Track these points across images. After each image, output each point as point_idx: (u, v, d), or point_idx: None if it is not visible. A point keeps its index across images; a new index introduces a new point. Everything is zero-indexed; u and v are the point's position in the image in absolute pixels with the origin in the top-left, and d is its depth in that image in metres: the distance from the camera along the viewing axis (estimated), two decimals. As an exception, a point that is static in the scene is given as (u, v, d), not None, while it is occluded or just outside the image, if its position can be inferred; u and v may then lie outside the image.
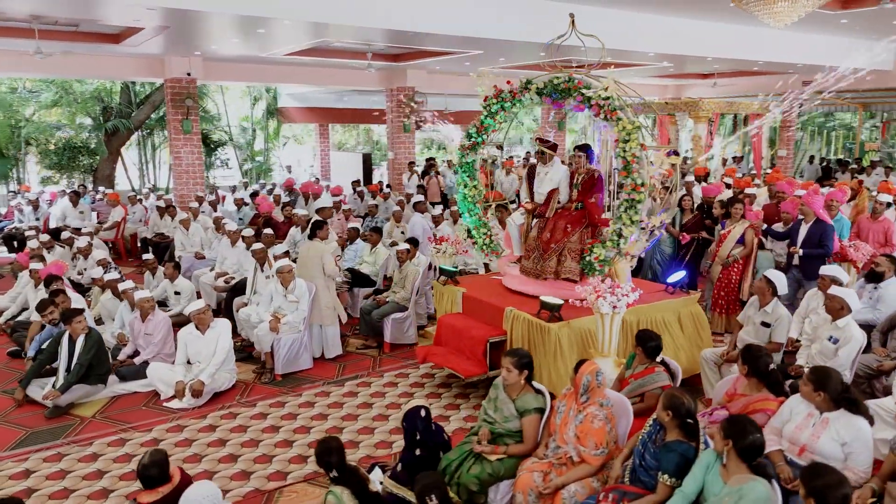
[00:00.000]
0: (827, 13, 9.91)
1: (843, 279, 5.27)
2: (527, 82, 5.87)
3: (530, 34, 9.55)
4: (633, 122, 5.33)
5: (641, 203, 5.36)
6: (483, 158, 18.27)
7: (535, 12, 9.33)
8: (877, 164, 16.71)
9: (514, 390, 3.65)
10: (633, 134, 5.30)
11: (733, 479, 2.68)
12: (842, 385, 3.16)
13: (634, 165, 5.29)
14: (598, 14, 9.72)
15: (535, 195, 6.10)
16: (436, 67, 14.03)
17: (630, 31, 10.31)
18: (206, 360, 5.58)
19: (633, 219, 5.32)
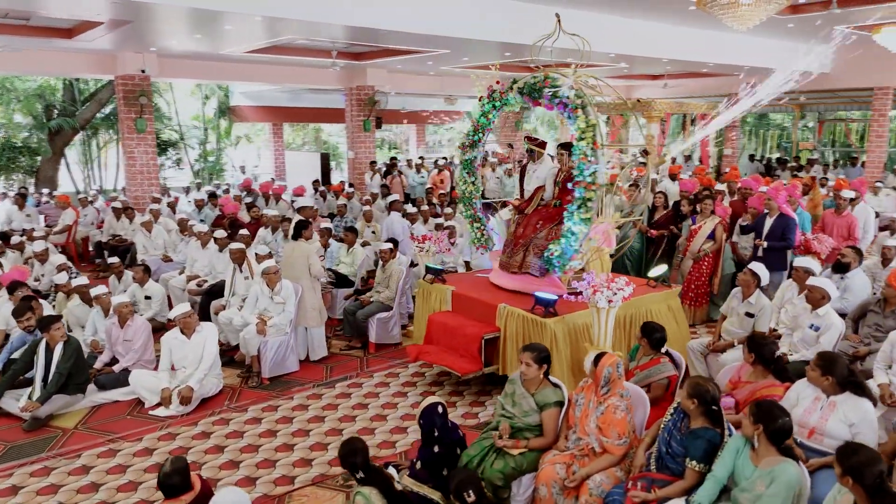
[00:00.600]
0: (777, 17, 10.37)
1: (815, 269, 5.55)
2: (513, 82, 5.93)
3: (497, 34, 9.65)
4: (588, 120, 5.49)
5: (592, 201, 5.47)
6: (443, 157, 18.42)
7: (502, 11, 9.44)
8: (814, 162, 17.59)
9: (532, 385, 3.69)
10: (588, 132, 5.47)
11: (764, 461, 2.80)
12: (847, 369, 3.34)
13: (585, 163, 5.42)
14: (562, 14, 9.91)
15: (525, 192, 6.18)
16: (397, 66, 13.98)
17: (591, 31, 10.50)
18: (193, 365, 5.41)
19: (584, 217, 5.43)
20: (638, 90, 20.40)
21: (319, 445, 4.68)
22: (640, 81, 19.63)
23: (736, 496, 2.82)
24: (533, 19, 9.76)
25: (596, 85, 6.22)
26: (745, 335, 5.28)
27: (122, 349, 5.75)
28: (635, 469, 3.29)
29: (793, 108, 20.29)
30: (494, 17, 9.42)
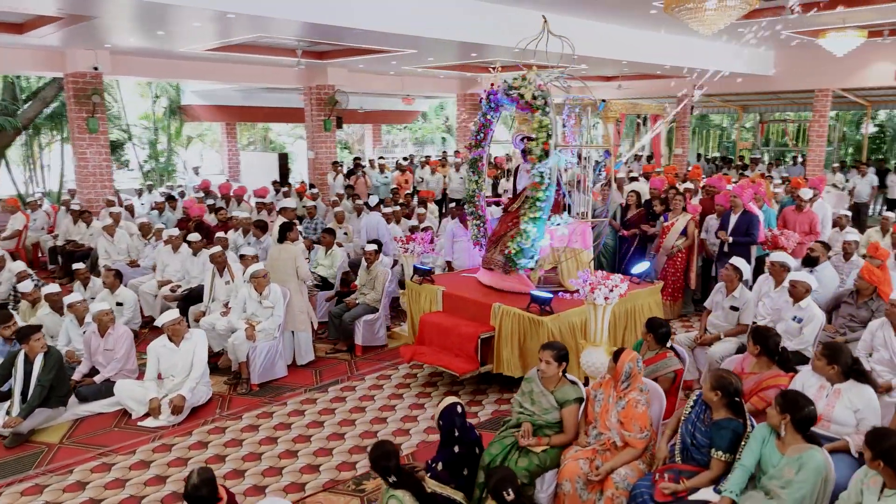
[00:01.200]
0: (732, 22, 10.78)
1: (791, 264, 5.82)
2: (505, 83, 6.02)
3: (465, 34, 9.67)
4: (541, 121, 5.69)
5: (542, 200, 5.64)
6: (404, 157, 18.38)
7: (469, 12, 9.49)
8: (758, 161, 18.39)
9: (551, 382, 3.74)
10: (541, 133, 5.63)
11: (791, 449, 2.92)
12: (851, 358, 3.52)
13: (534, 163, 5.59)
14: (525, 15, 10.05)
15: (518, 191, 6.25)
16: (359, 66, 13.86)
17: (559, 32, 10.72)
18: (182, 373, 5.25)
19: (533, 216, 5.59)
20: (592, 91, 20.85)
21: (323, 451, 4.62)
22: (596, 83, 20.07)
23: (765, 484, 2.95)
24: (498, 20, 9.89)
25: (569, 86, 6.40)
26: (730, 328, 5.52)
27: (102, 359, 5.51)
28: (658, 461, 3.39)
29: (735, 109, 21.14)
30: (461, 17, 9.45)
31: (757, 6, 8.66)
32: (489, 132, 6.33)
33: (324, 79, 14.06)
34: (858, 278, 5.43)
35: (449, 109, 25.45)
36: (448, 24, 9.44)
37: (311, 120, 14.62)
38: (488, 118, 6.15)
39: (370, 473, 4.30)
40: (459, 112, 18.04)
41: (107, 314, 5.50)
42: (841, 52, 11.33)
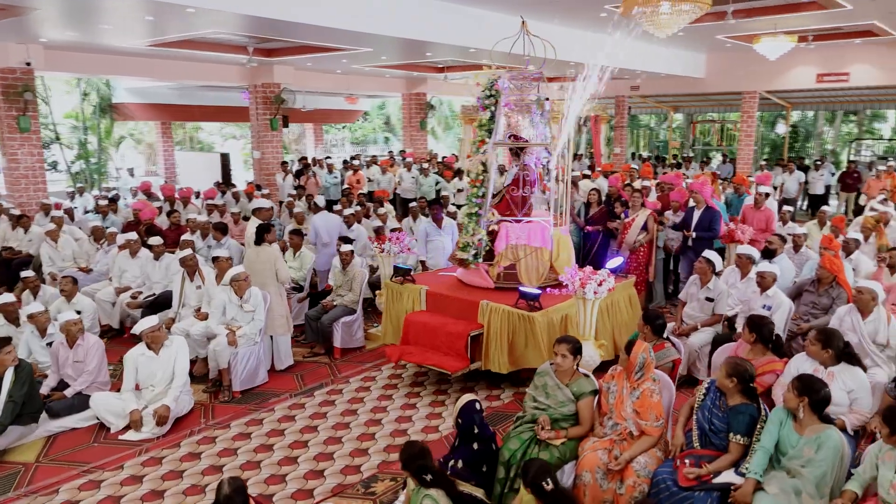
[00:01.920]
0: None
1: (756, 256, 6.15)
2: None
3: (421, 33, 9.64)
4: (481, 119, 6.02)
5: (478, 196, 5.96)
6: (352, 156, 18.17)
7: (428, 10, 9.50)
8: (690, 160, 19.21)
9: (566, 376, 3.82)
10: (482, 130, 5.93)
11: (808, 429, 3.10)
12: (843, 342, 3.77)
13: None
14: (480, 16, 10.17)
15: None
16: (307, 64, 13.62)
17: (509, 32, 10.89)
18: (162, 383, 5.03)
19: (469, 211, 5.91)
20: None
21: (324, 455, 4.53)
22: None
23: (786, 464, 3.11)
24: (458, 19, 9.95)
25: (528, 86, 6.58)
26: (706, 318, 5.77)
27: (72, 371, 5.20)
28: (676, 448, 3.52)
29: (667, 110, 22.03)
30: (415, 15, 9.41)
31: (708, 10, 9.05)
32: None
33: (270, 77, 13.73)
34: (820, 268, 5.77)
35: (390, 109, 25.35)
36: (402, 22, 9.36)
37: (256, 119, 14.24)
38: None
39: (377, 476, 4.27)
40: (405, 111, 17.99)
41: (75, 324, 5.20)
42: (773, 55, 11.99)
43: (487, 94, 6.10)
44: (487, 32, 10.38)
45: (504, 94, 6.16)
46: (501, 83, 6.11)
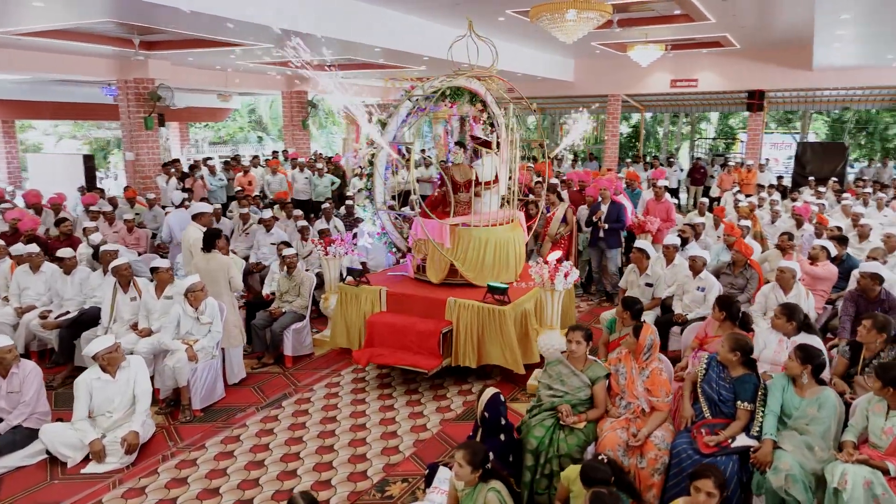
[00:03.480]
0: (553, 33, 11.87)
1: (679, 244, 6.80)
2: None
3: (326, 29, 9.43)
4: (380, 118, 6.42)
5: (367, 189, 6.75)
6: (232, 157, 17.42)
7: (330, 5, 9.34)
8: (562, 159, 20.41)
9: (580, 362, 4.03)
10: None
11: (809, 392, 3.56)
12: (803, 314, 4.33)
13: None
14: (375, 12, 10.17)
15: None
16: (188, 59, 12.78)
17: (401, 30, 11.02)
18: (122, 408, 4.59)
19: (359, 203, 6.41)
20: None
21: (323, 465, 4.39)
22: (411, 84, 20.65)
23: (792, 424, 3.54)
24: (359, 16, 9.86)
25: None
26: (647, 302, 6.27)
27: (5, 404, 4.57)
28: (686, 420, 3.85)
29: (535, 111, 23.21)
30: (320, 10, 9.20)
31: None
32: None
33: (144, 72, 12.70)
34: (735, 252, 6.51)
35: (262, 107, 24.32)
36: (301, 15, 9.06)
37: (128, 117, 13.09)
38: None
39: (387, 479, 4.23)
40: (286, 110, 17.42)
41: (9, 351, 4.57)
42: (645, 62, 13.16)
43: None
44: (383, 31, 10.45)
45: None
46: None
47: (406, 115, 6.52)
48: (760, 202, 10.60)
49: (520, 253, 6.41)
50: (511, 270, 6.23)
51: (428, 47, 11.70)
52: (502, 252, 6.14)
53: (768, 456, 3.40)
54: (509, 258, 6.21)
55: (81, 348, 5.73)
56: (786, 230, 8.66)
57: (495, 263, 6.09)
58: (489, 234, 6.06)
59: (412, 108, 6.70)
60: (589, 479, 3.15)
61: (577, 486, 3.34)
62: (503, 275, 6.12)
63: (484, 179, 6.49)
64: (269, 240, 8.27)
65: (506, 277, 6.11)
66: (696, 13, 10.59)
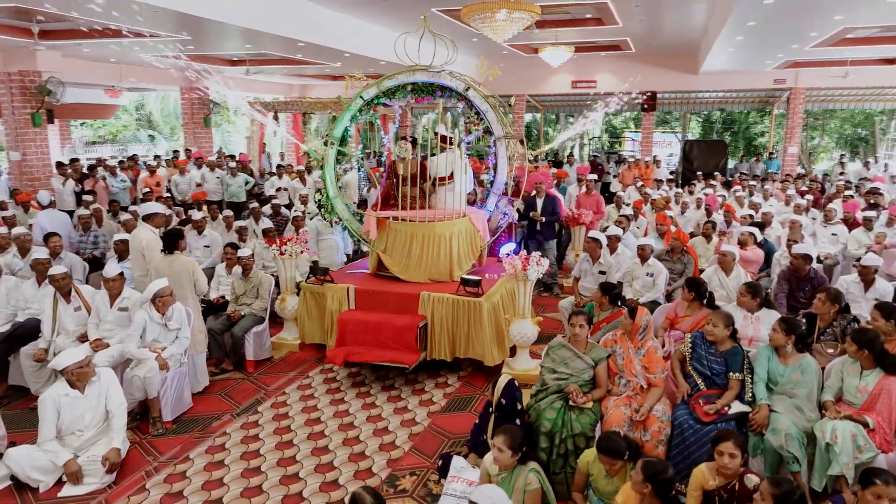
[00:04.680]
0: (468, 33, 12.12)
1: (620, 233, 7.21)
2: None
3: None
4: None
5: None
6: (130, 157, 16.57)
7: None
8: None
9: (582, 345, 4.21)
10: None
11: (791, 359, 3.93)
12: (765, 292, 4.77)
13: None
14: (296, 4, 9.96)
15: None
16: (83, 50, 11.81)
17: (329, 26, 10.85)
18: (93, 425, 4.25)
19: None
20: (313, 90, 21.00)
21: (324, 466, 4.29)
22: (317, 81, 20.26)
23: (779, 389, 3.91)
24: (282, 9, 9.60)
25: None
26: (600, 290, 6.60)
27: (-43, 429, 4.10)
28: (682, 393, 4.13)
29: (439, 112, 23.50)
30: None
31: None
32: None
33: (31, 63, 11.62)
34: (673, 239, 7.00)
35: (151, 104, 22.80)
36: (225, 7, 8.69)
37: (12, 113, 11.91)
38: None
39: (395, 474, 4.20)
40: (186, 107, 16.52)
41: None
42: (555, 63, 13.73)
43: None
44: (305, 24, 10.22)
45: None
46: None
47: (358, 112, 6.52)
48: (677, 197, 11.41)
49: (460, 252, 6.23)
50: (443, 268, 6.08)
51: (349, 43, 11.56)
52: (433, 249, 6.05)
53: (766, 418, 3.75)
54: (440, 255, 6.06)
55: (22, 366, 5.23)
56: (695, 220, 9.47)
57: (423, 259, 6.04)
58: (416, 229, 6.04)
59: (362, 105, 6.70)
60: (607, 450, 3.33)
61: (598, 468, 3.51)
62: (433, 271, 6.05)
63: (436, 175, 6.54)
64: (201, 242, 7.87)
65: (436, 274, 6.07)
66: (609, 17, 11.21)
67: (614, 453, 3.36)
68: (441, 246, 6.10)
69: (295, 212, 9.53)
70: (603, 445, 3.38)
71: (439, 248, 6.10)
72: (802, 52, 12.20)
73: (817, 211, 9.92)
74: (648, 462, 2.97)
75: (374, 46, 12.40)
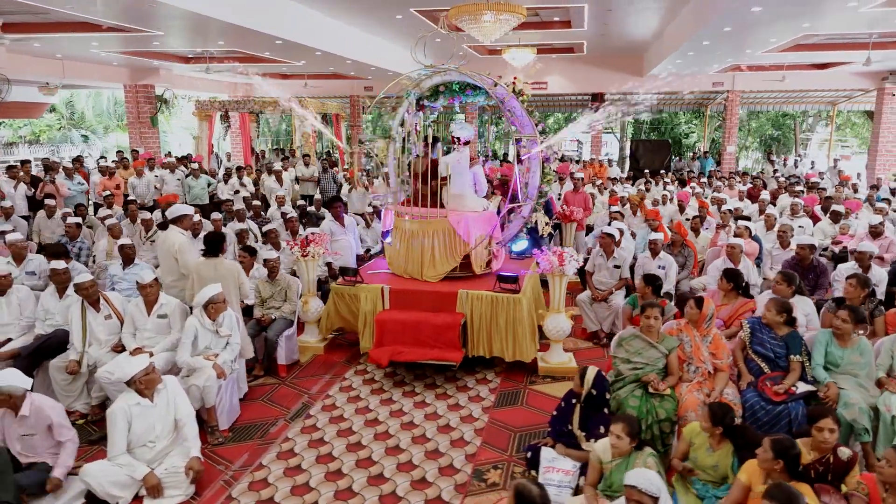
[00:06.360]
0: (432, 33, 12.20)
1: (623, 228, 7.52)
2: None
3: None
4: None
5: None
6: (76, 158, 15.92)
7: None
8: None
9: (655, 335, 4.40)
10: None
11: (850, 342, 4.27)
12: (798, 279, 5.13)
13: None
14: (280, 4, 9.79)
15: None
16: (33, 45, 11.07)
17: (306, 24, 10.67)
18: (165, 436, 4.08)
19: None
20: (261, 88, 20.44)
21: (406, 465, 4.29)
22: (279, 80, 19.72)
23: (844, 369, 4.23)
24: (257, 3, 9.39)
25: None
26: (615, 283, 6.84)
27: (21, 447, 3.83)
28: (745, 378, 4.40)
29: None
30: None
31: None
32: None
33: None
34: (674, 233, 7.38)
35: (82, 102, 21.43)
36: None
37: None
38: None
39: (478, 469, 4.25)
40: (131, 105, 15.74)
41: (19, 393, 3.82)
42: (518, 64, 14.00)
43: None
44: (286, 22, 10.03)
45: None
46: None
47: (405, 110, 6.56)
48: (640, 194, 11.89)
49: (434, 252, 6.10)
50: (414, 265, 6.14)
51: (321, 41, 11.40)
52: (416, 245, 6.10)
53: (836, 394, 4.07)
54: (416, 252, 6.10)
55: (52, 379, 4.92)
56: (668, 215, 9.96)
57: (409, 255, 6.15)
58: (407, 225, 6.17)
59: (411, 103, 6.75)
60: (718, 419, 3.52)
61: (700, 439, 3.71)
62: (429, 270, 6.08)
63: (443, 174, 6.63)
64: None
65: (413, 272, 6.14)
66: (578, 21, 11.57)
67: (727, 422, 3.54)
68: (415, 243, 6.11)
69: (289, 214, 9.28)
70: (715, 415, 3.53)
71: (422, 244, 6.10)
72: (754, 57, 13.01)
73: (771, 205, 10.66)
74: (777, 440, 3.17)
75: (344, 45, 12.28)
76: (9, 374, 3.81)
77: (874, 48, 11.04)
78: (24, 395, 3.85)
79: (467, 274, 6.13)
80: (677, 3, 10.00)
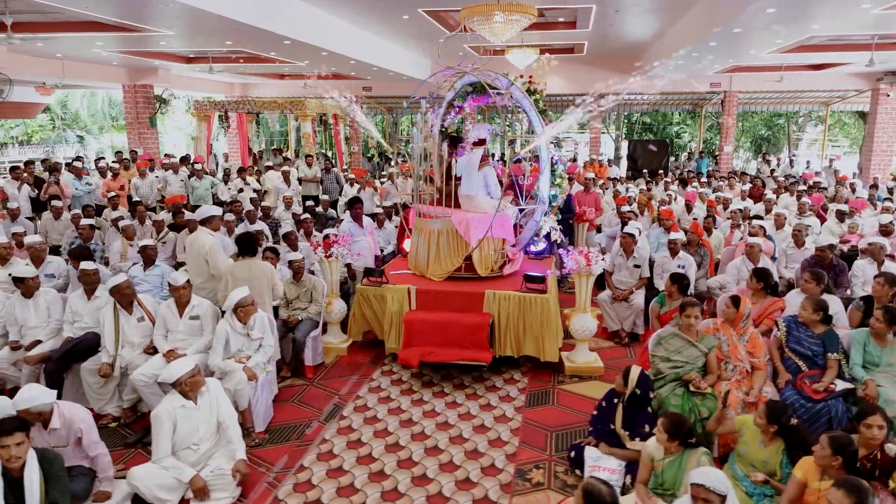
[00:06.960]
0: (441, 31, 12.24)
1: (640, 228, 7.57)
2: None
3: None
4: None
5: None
6: (76, 158, 15.85)
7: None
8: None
9: (694, 334, 4.44)
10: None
11: (889, 342, 4.33)
12: (826, 278, 5.19)
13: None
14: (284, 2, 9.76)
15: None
16: (37, 45, 10.94)
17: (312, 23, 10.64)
18: (209, 438, 4.05)
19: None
20: (255, 88, 20.35)
21: (447, 465, 4.29)
22: (260, 80, 19.64)
23: (881, 370, 4.29)
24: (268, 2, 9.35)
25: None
26: (634, 282, 6.88)
27: (71, 453, 3.79)
28: (783, 376, 4.45)
29: (382, 111, 23.41)
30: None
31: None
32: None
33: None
34: (690, 233, 7.44)
35: (76, 102, 21.20)
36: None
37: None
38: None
39: (521, 469, 4.27)
40: (130, 106, 15.60)
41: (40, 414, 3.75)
42: (521, 65, 14.03)
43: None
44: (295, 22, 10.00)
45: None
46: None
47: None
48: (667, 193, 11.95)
49: (440, 250, 6.18)
50: (422, 261, 6.27)
51: (328, 41, 11.37)
52: (423, 243, 6.23)
53: (876, 391, 4.13)
54: (440, 252, 6.15)
55: (84, 382, 4.87)
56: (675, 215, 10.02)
57: (417, 252, 6.32)
58: (423, 224, 6.28)
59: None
60: (774, 417, 3.55)
61: (751, 431, 3.72)
62: (435, 268, 6.16)
63: (455, 175, 6.65)
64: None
65: (436, 272, 6.17)
66: (584, 21, 11.63)
67: (783, 421, 3.57)
68: (442, 242, 6.17)
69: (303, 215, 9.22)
70: (772, 413, 3.55)
71: (428, 242, 6.21)
72: (755, 58, 13.12)
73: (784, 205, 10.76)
74: (835, 437, 3.21)
75: (349, 45, 12.25)
76: (33, 393, 3.65)
77: (875, 49, 11.20)
78: (52, 409, 3.77)
79: (472, 275, 6.12)
80: (683, 4, 10.08)
